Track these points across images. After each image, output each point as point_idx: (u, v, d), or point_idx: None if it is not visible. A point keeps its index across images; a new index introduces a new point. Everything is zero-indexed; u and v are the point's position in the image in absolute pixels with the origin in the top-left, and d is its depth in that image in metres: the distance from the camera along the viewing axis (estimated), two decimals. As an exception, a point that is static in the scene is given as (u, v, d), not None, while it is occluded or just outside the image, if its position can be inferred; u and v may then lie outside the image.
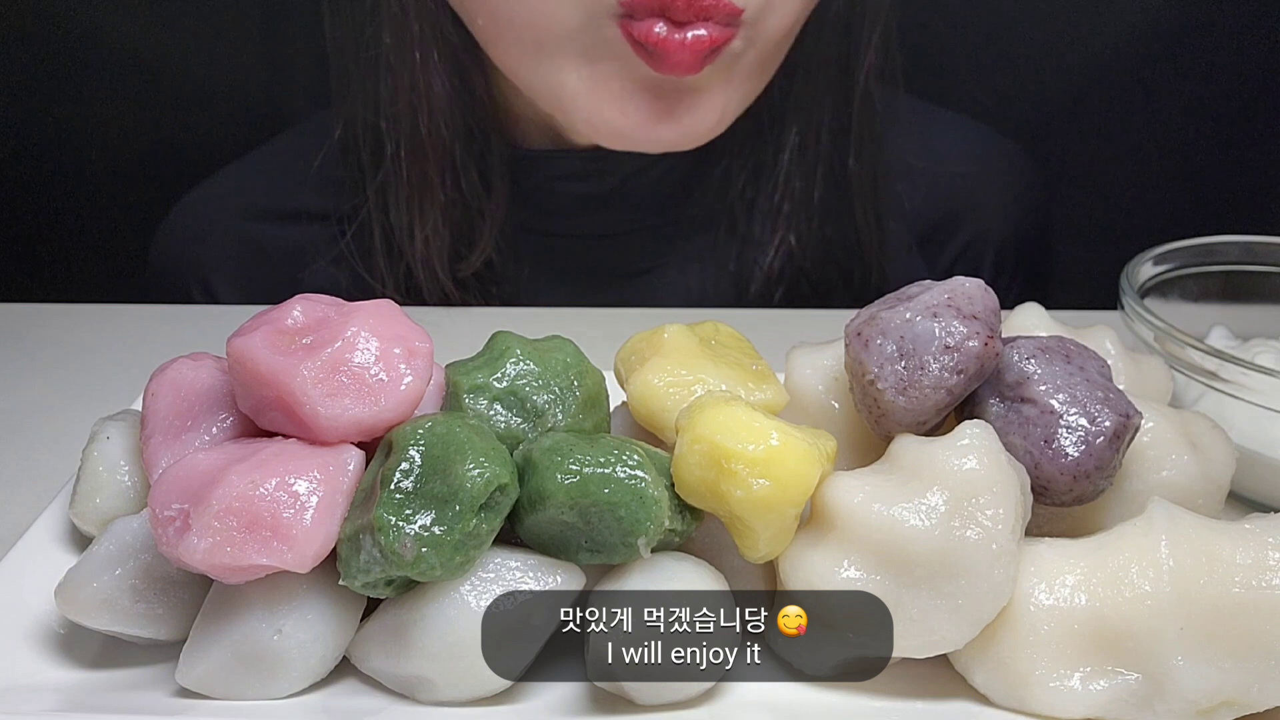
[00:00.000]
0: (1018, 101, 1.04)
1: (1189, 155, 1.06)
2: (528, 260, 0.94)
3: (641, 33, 0.74)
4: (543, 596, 0.45)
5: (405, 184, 0.87)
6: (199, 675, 0.45)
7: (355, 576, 0.44)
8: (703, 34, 0.74)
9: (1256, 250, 0.72)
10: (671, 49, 0.74)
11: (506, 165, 0.91)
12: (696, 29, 0.74)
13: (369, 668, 0.46)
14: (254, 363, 0.46)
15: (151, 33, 0.99)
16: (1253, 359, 0.60)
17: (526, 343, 0.52)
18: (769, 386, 0.52)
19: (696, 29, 0.74)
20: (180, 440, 0.50)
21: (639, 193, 0.92)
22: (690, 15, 0.73)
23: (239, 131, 0.99)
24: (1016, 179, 1.01)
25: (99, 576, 0.46)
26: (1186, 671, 0.43)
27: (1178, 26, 1.01)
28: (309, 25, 0.91)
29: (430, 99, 0.85)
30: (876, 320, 0.49)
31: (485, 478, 0.44)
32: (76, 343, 0.83)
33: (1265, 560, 0.43)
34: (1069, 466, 0.47)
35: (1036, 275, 1.04)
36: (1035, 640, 0.45)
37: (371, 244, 0.90)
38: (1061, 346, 0.51)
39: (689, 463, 0.46)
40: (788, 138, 0.90)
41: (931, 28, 1.00)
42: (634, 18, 0.74)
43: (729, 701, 0.46)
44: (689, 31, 0.74)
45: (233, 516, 0.43)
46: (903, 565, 0.44)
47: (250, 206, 0.96)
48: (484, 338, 0.54)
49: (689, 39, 0.74)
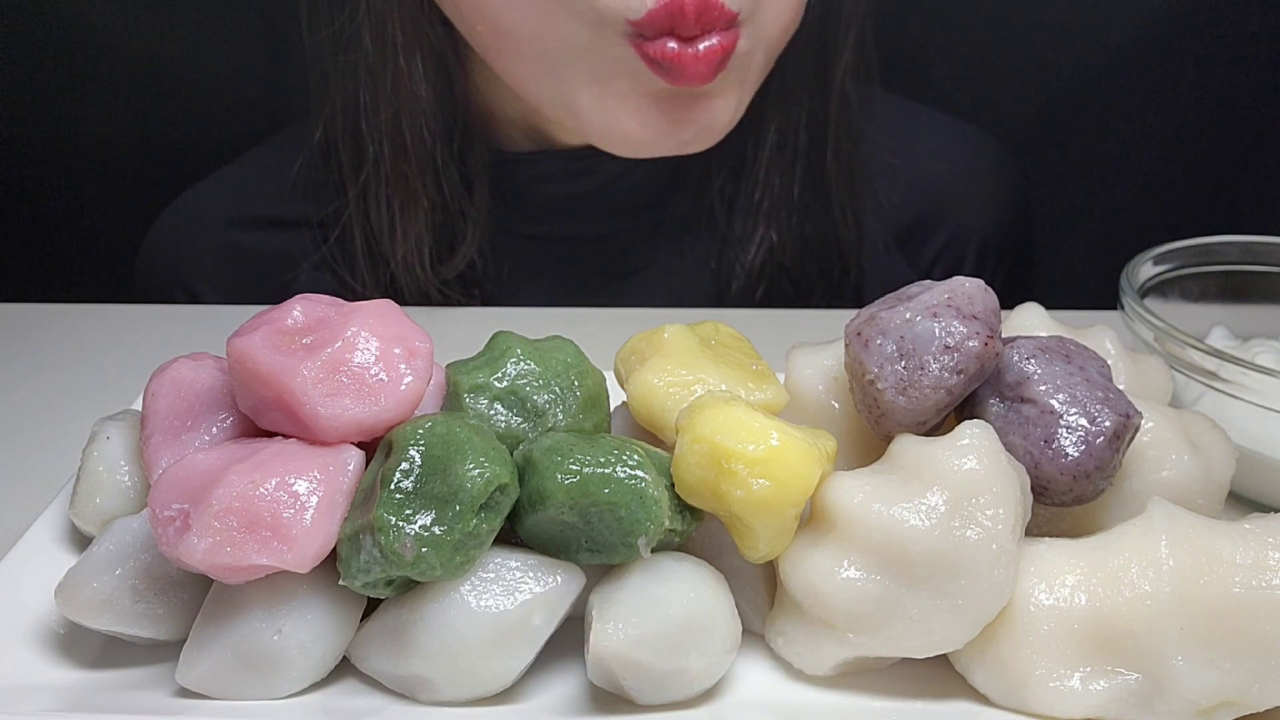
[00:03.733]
0: (1017, 102, 1.04)
1: (1189, 155, 1.06)
2: (510, 262, 0.94)
3: (656, 51, 0.74)
4: (543, 596, 0.45)
5: (387, 187, 0.88)
6: (199, 675, 0.45)
7: (355, 576, 0.44)
8: (714, 44, 0.75)
9: (1256, 250, 0.72)
10: (686, 63, 0.75)
11: (488, 167, 0.91)
12: (706, 40, 0.75)
13: (369, 668, 0.47)
14: (254, 363, 0.46)
15: (151, 33, 0.99)
16: (1253, 359, 0.60)
17: (527, 343, 0.52)
18: (769, 386, 0.52)
19: (706, 40, 0.75)
20: (180, 440, 0.50)
21: (621, 194, 0.92)
22: (698, 30, 0.74)
23: (239, 131, 1.00)
24: (997, 176, 1.01)
25: (99, 576, 0.46)
26: (1186, 671, 0.43)
27: (1178, 26, 1.01)
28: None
29: (412, 102, 0.85)
30: (876, 320, 0.49)
31: (485, 478, 0.44)
32: (76, 343, 0.83)
33: (1265, 560, 0.43)
34: (1069, 466, 0.47)
35: (1019, 272, 1.04)
36: (1035, 640, 0.45)
37: (354, 248, 0.91)
38: (1061, 346, 0.51)
39: (689, 463, 0.46)
40: (767, 136, 0.91)
41: (932, 28, 1.00)
42: (645, 37, 0.75)
43: (729, 701, 0.46)
44: (700, 44, 0.74)
45: (233, 516, 0.43)
46: (903, 565, 0.44)
47: (233, 214, 0.96)
48: (480, 338, 0.54)
49: (701, 51, 0.74)
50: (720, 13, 0.74)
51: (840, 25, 0.88)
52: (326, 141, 0.89)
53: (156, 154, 1.03)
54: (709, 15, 0.73)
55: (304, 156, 0.91)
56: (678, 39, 0.74)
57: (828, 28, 0.89)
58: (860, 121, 0.92)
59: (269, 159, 0.97)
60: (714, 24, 0.74)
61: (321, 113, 0.89)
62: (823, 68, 0.90)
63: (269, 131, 0.99)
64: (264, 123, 1.00)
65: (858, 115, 0.92)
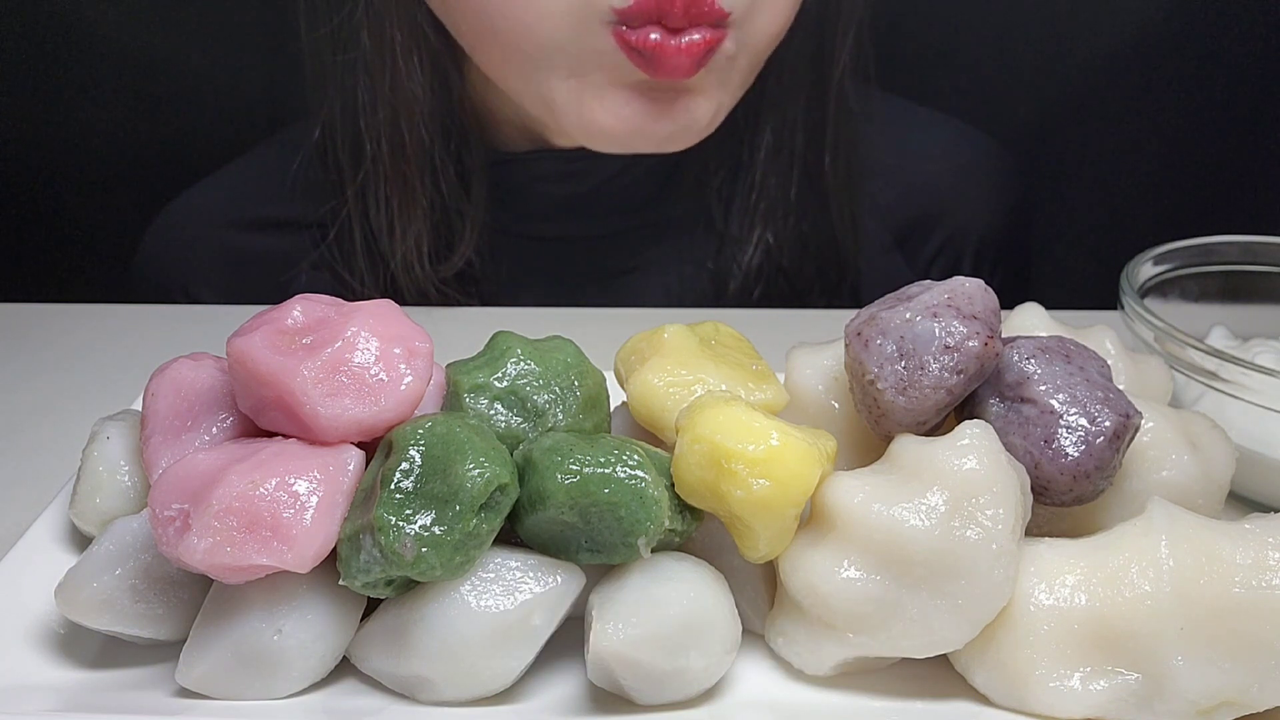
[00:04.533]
0: (1017, 102, 1.04)
1: (1189, 155, 1.06)
2: (508, 261, 0.94)
3: (638, 40, 0.75)
4: (543, 596, 0.45)
5: (386, 186, 0.88)
6: (199, 675, 0.45)
7: (355, 576, 0.44)
8: (697, 38, 0.75)
9: (1256, 250, 0.73)
10: (668, 54, 0.75)
11: (486, 167, 0.91)
12: (691, 34, 0.75)
13: (369, 668, 0.46)
14: (254, 363, 0.46)
15: (150, 33, 0.99)
16: (1253, 359, 0.60)
17: (527, 343, 0.52)
18: (769, 386, 0.52)
19: (691, 34, 0.75)
20: (180, 440, 0.50)
21: (618, 193, 0.92)
22: (685, 22, 0.74)
23: (238, 131, 0.99)
24: (995, 175, 1.01)
25: (99, 576, 0.46)
26: (1186, 671, 0.43)
27: (1178, 26, 1.01)
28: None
29: (410, 101, 0.85)
30: (876, 320, 0.49)
31: (485, 478, 0.44)
32: (76, 343, 0.83)
33: (1265, 560, 0.43)
34: (1069, 466, 0.47)
35: (1018, 271, 1.04)
36: (1035, 640, 0.45)
37: (352, 247, 0.91)
38: (1061, 346, 0.51)
39: (689, 463, 0.46)
40: (763, 136, 0.91)
41: (930, 28, 1.00)
42: (629, 25, 0.75)
43: (729, 701, 0.46)
44: (683, 37, 0.75)
45: (233, 516, 0.43)
46: (903, 565, 0.44)
47: (231, 214, 0.96)
48: (480, 338, 0.54)
49: (684, 44, 0.75)
50: (710, 8, 0.74)
51: (837, 26, 0.89)
52: (325, 141, 0.89)
53: (155, 154, 1.03)
54: (698, 8, 0.74)
55: (302, 156, 0.91)
56: (662, 29, 0.74)
57: (825, 29, 0.89)
58: (858, 122, 0.92)
59: (267, 159, 0.97)
60: (702, 18, 0.74)
61: (320, 113, 0.89)
62: (820, 69, 0.90)
63: (267, 131, 0.99)
64: (262, 123, 1.00)
65: (855, 116, 0.92)
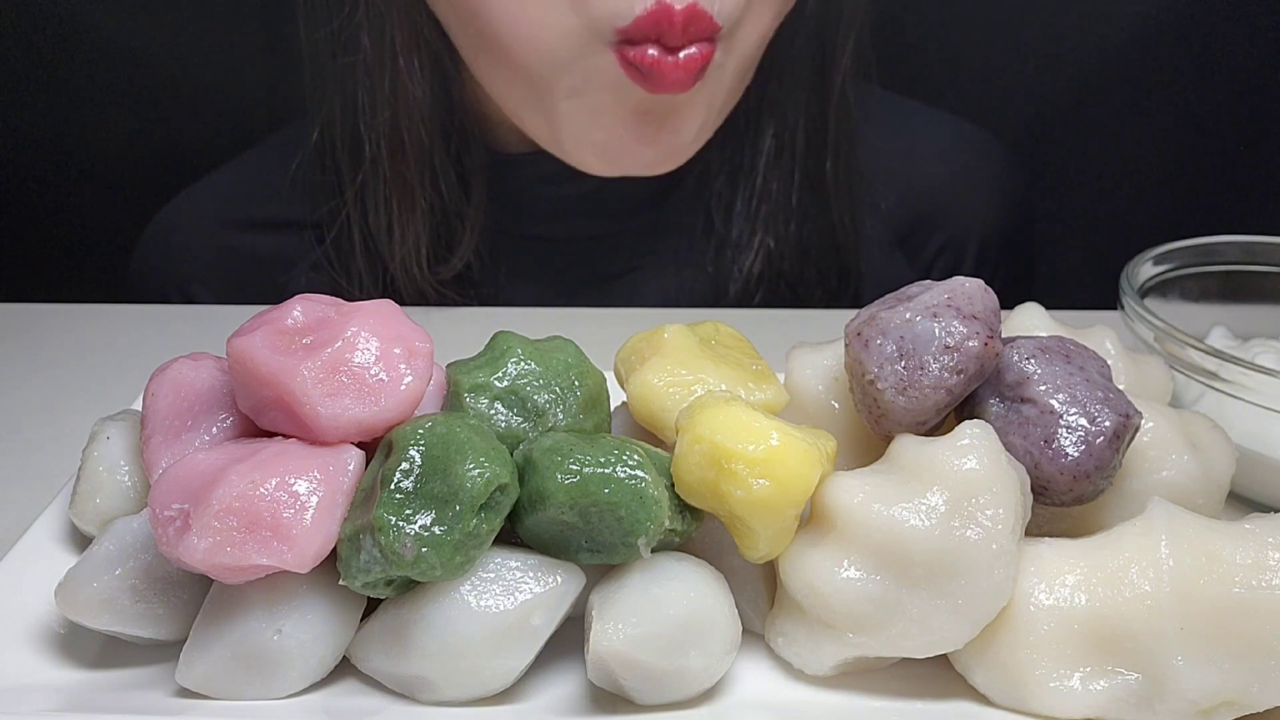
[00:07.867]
0: (1017, 102, 1.04)
1: (1189, 155, 1.06)
2: (507, 262, 0.94)
3: (637, 56, 0.76)
4: (543, 596, 0.45)
5: (385, 187, 0.88)
6: (199, 675, 0.45)
7: (355, 576, 0.44)
8: (694, 53, 0.77)
9: (1256, 250, 0.73)
10: (666, 70, 0.76)
11: (485, 169, 0.91)
12: (688, 49, 0.76)
13: (369, 668, 0.46)
14: (254, 363, 0.46)
15: (149, 33, 0.99)
16: (1253, 359, 0.60)
17: (528, 343, 0.52)
18: (769, 386, 0.52)
19: (688, 49, 0.76)
20: (180, 440, 0.50)
21: (617, 195, 0.92)
22: (684, 40, 0.76)
23: (236, 132, 0.99)
24: (996, 175, 1.01)
25: (99, 576, 0.46)
26: (1186, 671, 0.43)
27: (1178, 27, 1.01)
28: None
29: (410, 103, 0.85)
30: (876, 320, 0.49)
31: (485, 478, 0.44)
32: (76, 343, 0.83)
33: (1265, 560, 0.43)
34: (1069, 466, 0.47)
35: (1019, 272, 1.04)
36: (1035, 640, 0.45)
37: (351, 248, 0.91)
38: (1061, 346, 0.51)
39: (689, 463, 0.46)
40: (764, 140, 0.91)
41: (931, 28, 1.00)
42: (631, 43, 0.76)
43: (729, 701, 0.46)
44: (681, 53, 0.76)
45: (233, 516, 0.43)
46: (903, 565, 0.44)
47: (230, 215, 0.96)
48: (479, 338, 0.54)
49: (682, 59, 0.76)
50: (707, 24, 0.76)
51: (839, 30, 0.89)
52: (324, 142, 0.89)
53: (154, 154, 1.03)
54: (696, 25, 0.75)
55: (301, 157, 0.91)
56: (660, 47, 0.76)
57: (826, 32, 0.89)
58: (859, 124, 0.92)
59: (266, 159, 0.97)
60: (700, 35, 0.76)
61: (319, 113, 0.89)
62: (821, 72, 0.90)
63: (266, 132, 0.99)
64: (261, 123, 1.00)
65: (856, 118, 0.92)
